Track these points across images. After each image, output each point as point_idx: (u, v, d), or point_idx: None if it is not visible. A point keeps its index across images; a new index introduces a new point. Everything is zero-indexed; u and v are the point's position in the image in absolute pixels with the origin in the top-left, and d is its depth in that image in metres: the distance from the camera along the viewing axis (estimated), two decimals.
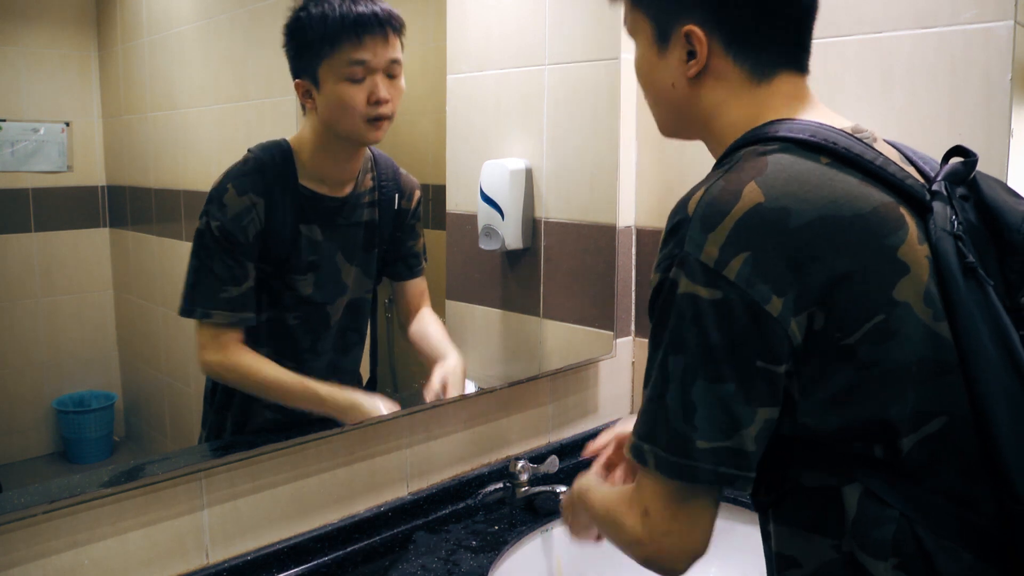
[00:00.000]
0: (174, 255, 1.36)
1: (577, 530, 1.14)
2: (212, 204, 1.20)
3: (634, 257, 1.87)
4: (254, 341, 1.25)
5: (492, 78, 1.75)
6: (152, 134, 1.34)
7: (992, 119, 1.33)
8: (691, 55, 0.87)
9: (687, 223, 0.77)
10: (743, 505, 1.53)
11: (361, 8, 1.18)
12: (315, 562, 1.29)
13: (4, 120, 1.17)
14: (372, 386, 1.48)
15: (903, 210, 0.79)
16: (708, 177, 0.83)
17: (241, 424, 1.31)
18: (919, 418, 0.76)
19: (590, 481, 1.02)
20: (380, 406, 1.32)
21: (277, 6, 1.40)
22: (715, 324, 0.74)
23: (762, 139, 0.83)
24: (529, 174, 1.74)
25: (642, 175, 1.84)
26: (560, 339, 1.79)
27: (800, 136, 0.80)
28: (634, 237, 1.86)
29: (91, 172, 1.28)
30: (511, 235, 1.72)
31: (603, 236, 1.78)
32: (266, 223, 1.21)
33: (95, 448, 1.35)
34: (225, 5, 1.39)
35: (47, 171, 1.23)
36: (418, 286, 1.46)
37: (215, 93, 1.39)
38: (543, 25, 1.74)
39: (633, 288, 1.87)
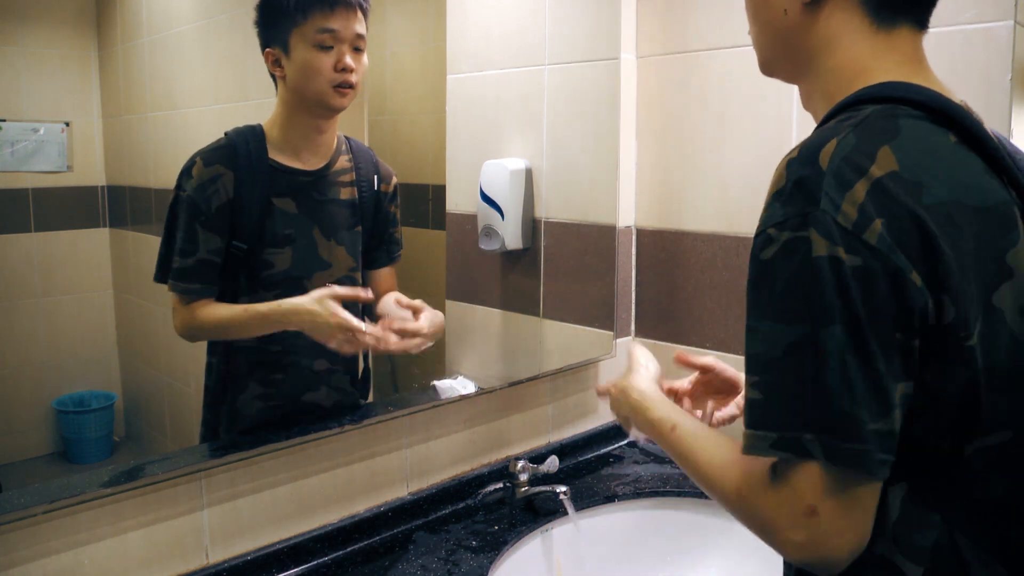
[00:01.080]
0: None
1: (633, 432, 1.07)
2: (182, 177, 1.24)
3: (634, 257, 1.87)
4: None
5: (492, 78, 1.75)
6: (152, 134, 1.34)
7: (992, 119, 1.33)
8: None
9: (820, 177, 0.68)
10: None
11: None
12: (315, 562, 1.29)
13: (4, 120, 1.17)
14: (366, 379, 1.47)
15: (1016, 211, 0.74)
16: (833, 128, 0.73)
17: (234, 417, 1.31)
18: (984, 426, 0.72)
19: (672, 413, 0.92)
20: (333, 308, 1.22)
21: None
22: (859, 293, 0.66)
23: (890, 98, 0.75)
24: (529, 174, 1.74)
25: (642, 175, 1.84)
26: (560, 339, 1.79)
27: (934, 104, 0.74)
28: (634, 237, 1.86)
29: (91, 172, 1.28)
30: (511, 235, 1.72)
31: (603, 236, 1.78)
32: (234, 194, 1.24)
33: (95, 448, 1.35)
34: (225, 5, 1.39)
35: (47, 171, 1.23)
36: (390, 273, 1.47)
37: (215, 93, 1.39)
38: (543, 25, 1.74)
39: (633, 288, 1.87)
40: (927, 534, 0.72)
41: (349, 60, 1.26)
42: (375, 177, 1.40)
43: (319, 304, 1.22)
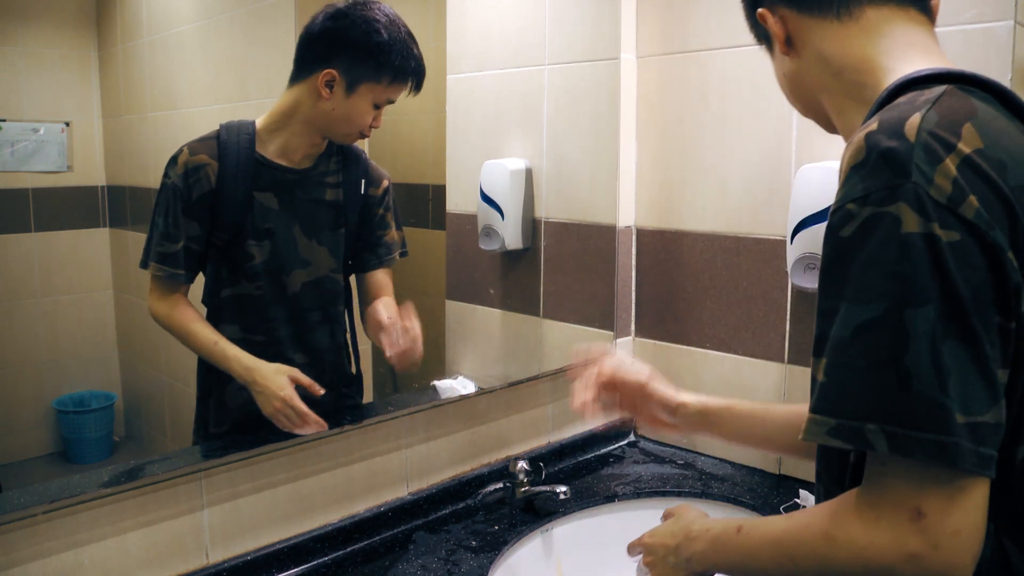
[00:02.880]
0: None
1: None
2: (168, 164, 1.26)
3: (634, 257, 1.87)
4: (221, 313, 1.29)
5: (492, 78, 1.75)
6: (152, 134, 1.34)
7: None
8: (769, 36, 0.87)
9: (910, 150, 0.63)
10: (743, 505, 1.53)
11: (416, 64, 1.32)
12: (315, 562, 1.29)
13: (4, 120, 1.17)
14: (359, 381, 1.47)
15: None
16: (908, 103, 0.69)
17: (221, 409, 1.31)
18: None
19: (729, 520, 0.83)
20: (284, 383, 1.25)
21: (277, 6, 1.41)
22: (960, 272, 0.61)
23: (956, 77, 0.72)
24: (529, 174, 1.74)
25: (642, 175, 1.84)
26: (560, 339, 1.79)
27: (999, 85, 0.72)
28: (634, 237, 1.86)
29: (91, 172, 1.28)
30: (511, 235, 1.72)
31: (603, 236, 1.78)
32: (217, 185, 1.25)
33: (95, 448, 1.35)
34: (225, 5, 1.39)
35: (47, 171, 1.23)
36: (384, 276, 1.46)
37: (215, 93, 1.39)
38: (543, 25, 1.74)
39: (633, 288, 1.87)
40: (984, 546, 0.67)
41: (380, 122, 1.34)
42: (363, 180, 1.41)
43: (276, 375, 1.26)
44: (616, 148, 1.78)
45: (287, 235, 1.32)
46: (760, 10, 0.87)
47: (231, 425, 1.31)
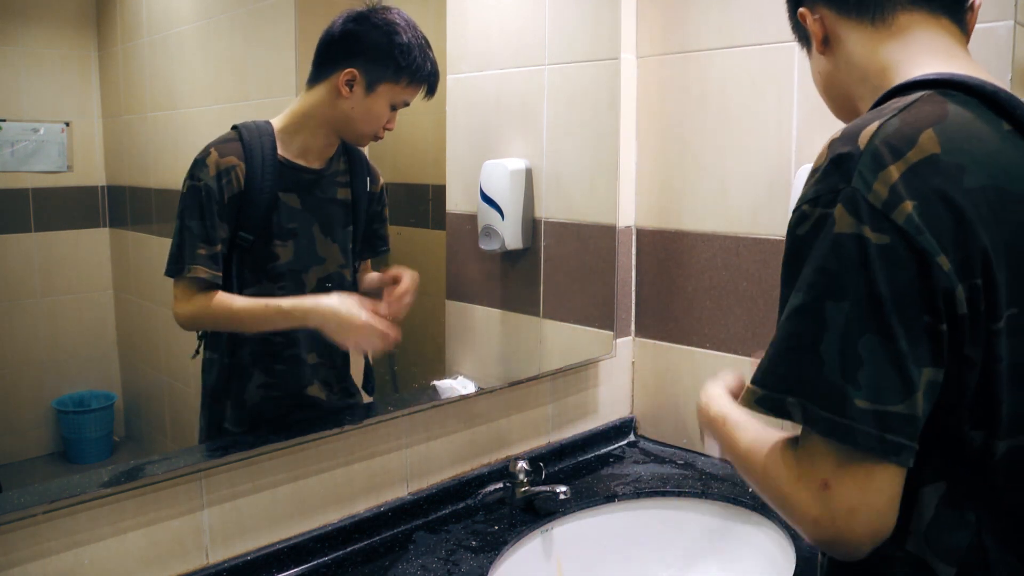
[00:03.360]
0: None
1: (708, 444, 1.03)
2: (196, 167, 1.25)
3: (634, 257, 1.87)
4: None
5: (492, 78, 1.75)
6: (152, 134, 1.34)
7: None
8: (809, 35, 0.90)
9: (856, 157, 0.69)
10: (743, 505, 1.53)
11: (432, 67, 1.37)
12: (315, 562, 1.29)
13: (4, 120, 1.17)
14: (370, 377, 1.48)
15: None
16: (879, 110, 0.74)
17: (239, 408, 1.31)
18: (1017, 424, 0.71)
19: (727, 408, 0.90)
20: (357, 308, 1.26)
21: (277, 6, 1.41)
22: (883, 272, 0.67)
23: (941, 82, 0.76)
24: (529, 174, 1.74)
25: (642, 175, 1.84)
26: (560, 339, 1.79)
27: (985, 90, 0.74)
28: (634, 237, 1.86)
29: (91, 172, 1.28)
30: (511, 235, 1.72)
31: (603, 236, 1.78)
32: (245, 186, 1.26)
33: (95, 448, 1.35)
34: (225, 5, 1.39)
35: (47, 171, 1.23)
36: (375, 264, 1.52)
37: (215, 93, 1.39)
38: (543, 25, 1.74)
39: (633, 288, 1.87)
40: (961, 535, 0.72)
41: (394, 124, 1.38)
42: (368, 179, 1.45)
43: (343, 304, 1.26)
44: (616, 148, 1.78)
45: (308, 234, 1.35)
46: (801, 9, 0.90)
47: (249, 423, 1.32)
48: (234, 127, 1.29)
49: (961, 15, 0.85)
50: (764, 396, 0.72)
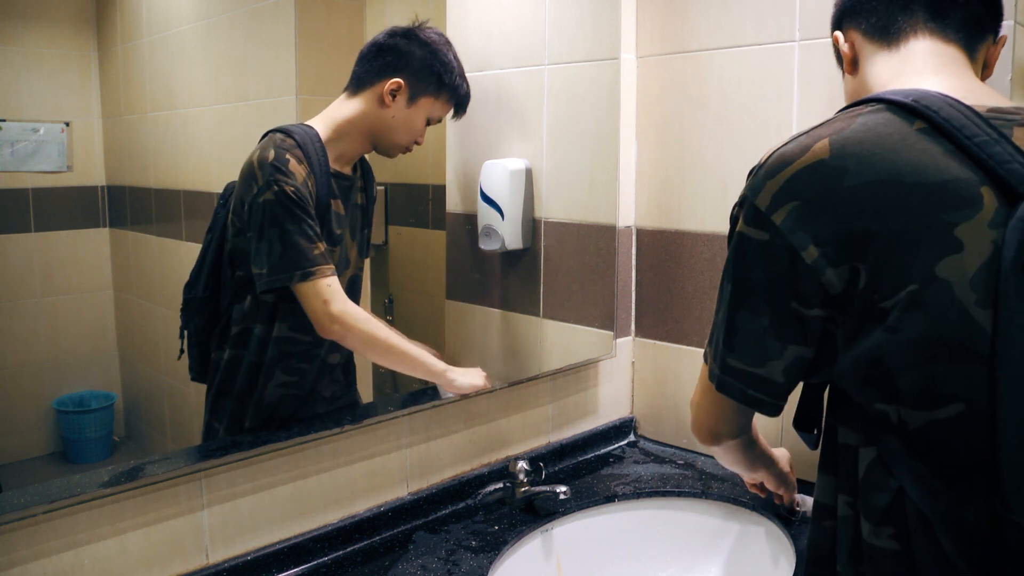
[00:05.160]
0: (174, 255, 1.36)
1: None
2: (279, 173, 1.23)
3: (634, 257, 1.87)
4: (275, 312, 1.30)
5: (492, 78, 1.75)
6: (152, 134, 1.34)
7: None
8: (842, 57, 0.99)
9: (757, 169, 0.86)
10: (743, 505, 1.53)
11: (468, 88, 1.46)
12: (315, 562, 1.29)
13: (4, 120, 1.17)
14: (352, 369, 1.49)
15: (986, 191, 0.76)
16: (800, 131, 0.88)
17: (262, 405, 1.31)
18: (931, 398, 0.77)
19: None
20: (474, 379, 1.47)
21: (277, 6, 1.41)
22: (759, 263, 0.83)
23: (872, 100, 0.86)
24: (529, 174, 1.74)
25: (642, 175, 1.84)
26: (560, 339, 1.79)
27: (899, 99, 0.82)
28: (634, 237, 1.86)
29: (91, 172, 1.28)
30: (511, 235, 1.72)
31: (603, 236, 1.78)
32: (315, 195, 1.28)
33: (95, 448, 1.35)
34: (225, 5, 1.39)
35: (47, 171, 1.23)
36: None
37: (215, 93, 1.39)
38: (543, 25, 1.74)
39: (633, 288, 1.87)
40: (882, 496, 0.80)
41: (423, 139, 1.44)
42: (373, 185, 1.48)
43: (471, 379, 1.49)
44: (616, 148, 1.78)
45: (344, 239, 1.38)
46: (835, 33, 0.99)
47: (268, 419, 1.32)
48: (281, 132, 1.27)
49: (975, 44, 0.92)
50: (706, 348, 0.94)
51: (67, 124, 1.24)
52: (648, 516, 1.58)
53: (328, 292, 1.25)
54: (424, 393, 1.54)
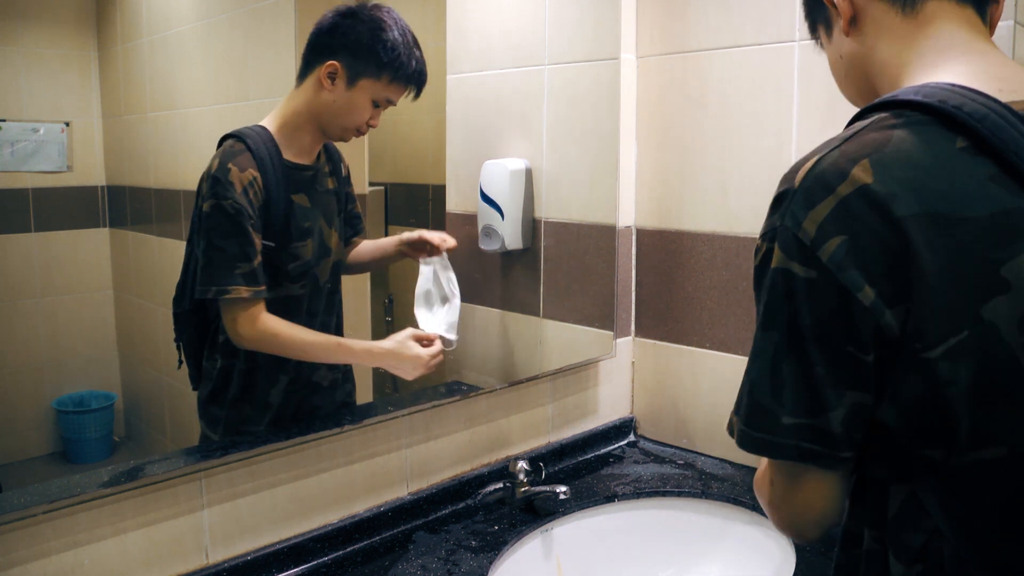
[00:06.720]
0: (174, 255, 1.36)
1: None
2: (218, 185, 1.23)
3: (634, 257, 1.87)
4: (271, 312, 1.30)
5: (492, 78, 1.75)
6: (152, 134, 1.34)
7: None
8: (831, 15, 0.88)
9: (792, 195, 0.74)
10: (743, 505, 1.53)
11: (418, 67, 1.36)
12: (315, 562, 1.29)
13: (4, 120, 1.17)
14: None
15: None
16: (826, 143, 0.78)
17: (263, 407, 1.32)
18: (977, 440, 0.72)
19: None
20: (416, 349, 1.38)
21: (277, 6, 1.41)
22: (806, 304, 0.72)
23: (899, 103, 0.76)
24: (529, 174, 1.74)
25: (642, 175, 1.84)
26: (560, 339, 1.79)
27: (936, 104, 0.73)
28: (634, 237, 1.86)
29: (91, 172, 1.28)
30: (511, 235, 1.72)
31: (603, 236, 1.78)
32: (265, 195, 1.27)
33: (95, 448, 1.35)
34: (225, 5, 1.39)
35: (47, 171, 1.23)
36: (359, 241, 1.55)
37: (215, 93, 1.39)
38: (543, 25, 1.74)
39: (633, 288, 1.87)
40: (917, 536, 0.75)
41: (377, 121, 1.38)
42: (341, 165, 1.46)
43: (399, 344, 1.38)
44: (616, 148, 1.78)
45: (318, 229, 1.37)
46: None
47: (269, 422, 1.33)
48: (233, 136, 1.27)
49: (985, 6, 0.86)
50: (729, 420, 0.81)
51: (67, 124, 1.24)
52: (648, 516, 1.58)
53: (236, 313, 1.24)
54: (424, 393, 1.54)
